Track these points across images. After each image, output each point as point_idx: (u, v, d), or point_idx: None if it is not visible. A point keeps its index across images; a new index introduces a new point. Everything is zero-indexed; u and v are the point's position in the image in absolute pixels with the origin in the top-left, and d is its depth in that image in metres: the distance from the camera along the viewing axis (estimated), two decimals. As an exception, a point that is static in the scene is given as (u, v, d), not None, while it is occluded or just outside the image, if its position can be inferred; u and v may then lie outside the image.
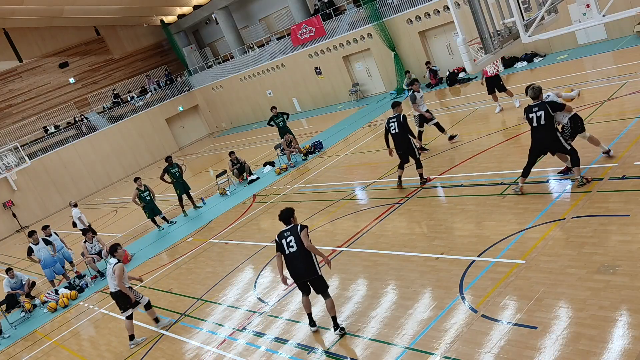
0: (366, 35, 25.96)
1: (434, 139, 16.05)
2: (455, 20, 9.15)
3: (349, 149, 18.82)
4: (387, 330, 7.75)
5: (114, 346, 11.00)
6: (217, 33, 37.68)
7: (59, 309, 14.45)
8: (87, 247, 15.72)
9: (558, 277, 7.33)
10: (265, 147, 24.71)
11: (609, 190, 9.16)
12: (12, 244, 27.40)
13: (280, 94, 32.37)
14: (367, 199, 13.66)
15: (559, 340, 6.25)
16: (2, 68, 34.30)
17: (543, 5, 9.12)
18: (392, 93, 25.53)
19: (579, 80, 16.32)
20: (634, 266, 6.94)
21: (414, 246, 9.94)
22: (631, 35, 18.30)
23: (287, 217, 8.27)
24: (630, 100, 12.96)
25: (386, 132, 12.63)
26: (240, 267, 12.43)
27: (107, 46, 37.91)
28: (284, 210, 8.29)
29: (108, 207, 26.72)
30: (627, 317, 6.19)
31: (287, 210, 8.28)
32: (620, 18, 7.93)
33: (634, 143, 10.43)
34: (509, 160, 12.18)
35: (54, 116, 35.73)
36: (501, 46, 9.46)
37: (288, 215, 8.27)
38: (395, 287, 8.85)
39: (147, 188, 17.68)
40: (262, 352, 8.55)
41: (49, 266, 15.66)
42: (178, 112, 37.97)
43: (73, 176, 33.14)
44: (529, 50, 21.09)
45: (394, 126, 12.40)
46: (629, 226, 7.87)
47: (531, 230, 8.83)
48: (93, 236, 15.94)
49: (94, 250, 15.79)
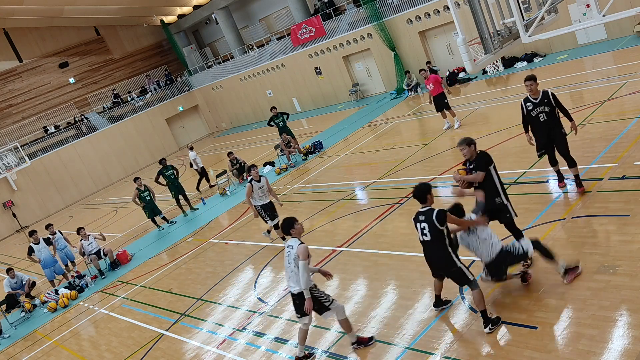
0: (366, 35, 25.96)
1: (434, 138, 16.07)
2: (455, 20, 9.15)
3: (349, 149, 18.82)
4: (387, 330, 7.75)
5: (114, 346, 10.99)
6: (217, 33, 37.67)
7: (59, 309, 14.45)
8: (83, 245, 15.61)
9: (558, 277, 7.33)
10: (265, 147, 24.71)
11: (609, 190, 9.16)
12: (12, 244, 27.39)
13: (280, 94, 32.36)
14: (367, 199, 13.66)
15: (559, 340, 6.25)
16: (2, 68, 34.29)
17: (543, 5, 9.12)
18: (392, 93, 25.52)
19: (579, 80, 16.32)
20: (634, 266, 6.93)
21: (414, 246, 9.90)
22: (631, 35, 18.29)
23: (422, 194, 6.92)
24: (630, 100, 12.96)
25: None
26: (240, 267, 12.43)
27: (107, 46, 37.90)
28: (418, 186, 6.99)
29: (108, 207, 26.71)
30: (627, 317, 6.19)
31: (421, 186, 6.97)
32: (620, 18, 7.92)
33: (634, 143, 10.43)
34: (509, 160, 12.18)
35: (54, 116, 35.72)
36: (501, 46, 9.46)
37: (423, 192, 6.92)
38: (395, 287, 8.85)
39: (147, 188, 17.68)
40: (262, 352, 8.55)
41: (49, 266, 15.66)
42: (178, 112, 37.96)
43: (73, 176, 33.12)
44: (529, 50, 21.09)
45: (542, 115, 9.19)
46: (629, 226, 7.87)
47: (531, 230, 8.83)
48: (88, 234, 15.77)
49: (90, 247, 15.66)
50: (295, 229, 7.39)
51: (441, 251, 6.90)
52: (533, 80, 9.13)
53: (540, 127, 9.24)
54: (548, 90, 9.16)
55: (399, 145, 16.81)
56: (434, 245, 6.93)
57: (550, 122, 9.14)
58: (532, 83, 9.12)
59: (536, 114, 9.17)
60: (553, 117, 9.11)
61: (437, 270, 7.25)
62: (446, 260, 6.91)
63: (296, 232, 7.39)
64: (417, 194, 6.97)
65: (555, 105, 9.08)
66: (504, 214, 7.65)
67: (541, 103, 9.10)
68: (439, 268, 7.16)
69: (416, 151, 15.44)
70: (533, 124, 9.35)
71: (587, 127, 12.20)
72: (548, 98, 9.05)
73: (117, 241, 19.11)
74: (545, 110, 9.08)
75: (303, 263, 7.14)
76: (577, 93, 15.39)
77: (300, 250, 7.17)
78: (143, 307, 12.35)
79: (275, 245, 12.73)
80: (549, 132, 9.20)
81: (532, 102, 9.19)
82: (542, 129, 9.24)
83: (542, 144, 9.39)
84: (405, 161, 14.93)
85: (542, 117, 9.13)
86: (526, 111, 9.29)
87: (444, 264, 6.96)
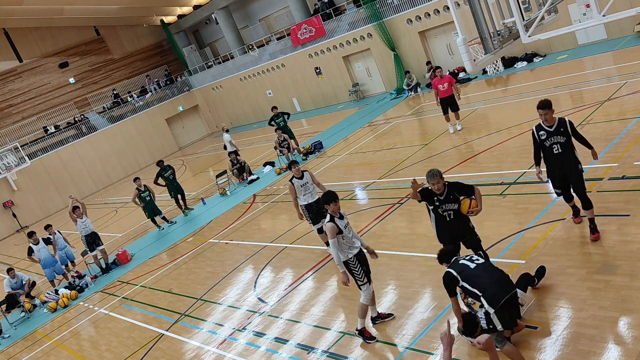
0: (366, 35, 25.96)
1: (434, 138, 16.07)
2: (455, 20, 9.14)
3: (349, 149, 18.82)
4: (387, 330, 7.75)
5: (114, 346, 11.00)
6: (217, 33, 37.67)
7: (59, 309, 14.45)
8: (78, 223, 15.54)
9: (558, 277, 7.33)
10: (265, 147, 24.70)
11: (609, 190, 9.16)
12: (12, 244, 27.39)
13: (280, 94, 32.36)
14: (367, 199, 13.66)
15: (559, 340, 6.25)
16: (2, 68, 34.28)
17: (543, 5, 9.12)
18: (392, 93, 25.52)
19: (579, 80, 16.32)
20: (634, 266, 6.93)
21: (414, 246, 9.94)
22: (631, 35, 18.29)
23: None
24: (630, 100, 12.96)
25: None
26: (240, 267, 12.43)
27: (107, 46, 37.89)
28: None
29: (108, 207, 26.72)
30: (627, 317, 6.18)
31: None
32: (620, 18, 7.92)
33: (634, 143, 10.43)
34: (509, 160, 12.19)
35: (54, 116, 35.71)
36: (501, 46, 9.45)
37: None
38: (395, 287, 8.85)
39: (147, 188, 17.68)
40: (262, 352, 8.55)
41: (49, 266, 15.66)
42: (178, 112, 37.96)
43: (73, 176, 33.12)
44: (529, 50, 21.09)
45: (556, 146, 7.93)
46: (629, 226, 7.87)
47: (531, 230, 8.83)
48: (82, 213, 15.71)
49: (84, 226, 15.58)
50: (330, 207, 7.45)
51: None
52: (548, 108, 7.75)
53: (554, 160, 7.94)
54: (565, 119, 7.86)
55: (399, 145, 16.81)
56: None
57: (566, 156, 7.84)
58: (546, 112, 7.76)
59: (550, 144, 7.85)
60: (569, 150, 7.82)
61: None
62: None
63: (330, 210, 7.46)
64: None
65: (573, 135, 7.80)
66: (475, 237, 7.54)
67: (556, 132, 7.78)
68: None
69: (416, 151, 15.44)
70: (545, 156, 8.04)
71: (587, 127, 12.20)
72: (565, 127, 7.76)
73: (117, 241, 19.12)
74: (561, 141, 7.77)
75: (332, 241, 7.36)
76: (577, 93, 15.39)
77: (328, 228, 7.40)
78: (143, 307, 12.35)
79: (275, 245, 12.74)
80: (562, 166, 7.90)
81: (546, 131, 7.86)
82: (556, 162, 7.93)
83: (556, 180, 8.11)
84: (405, 161, 14.93)
85: (556, 149, 7.82)
86: (539, 140, 7.97)
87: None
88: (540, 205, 9.57)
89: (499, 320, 6.02)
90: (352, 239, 7.55)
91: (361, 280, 7.55)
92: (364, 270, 7.56)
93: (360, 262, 7.56)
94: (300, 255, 11.66)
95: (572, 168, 7.86)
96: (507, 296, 6.06)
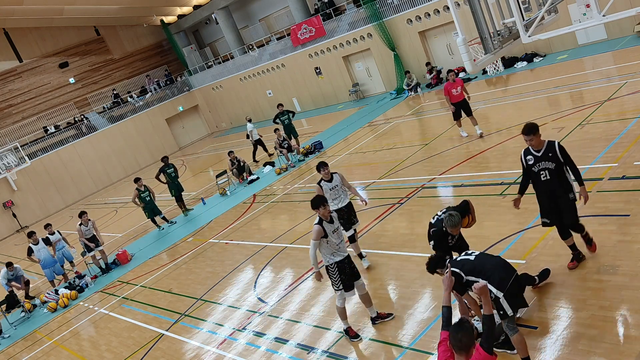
0: (366, 35, 25.96)
1: (434, 138, 16.07)
2: (455, 20, 9.14)
3: (349, 149, 18.82)
4: (387, 330, 7.75)
5: (114, 346, 11.00)
6: (217, 33, 37.67)
7: (59, 309, 14.45)
8: (81, 230, 15.63)
9: (558, 277, 7.33)
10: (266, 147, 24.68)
11: (609, 190, 9.16)
12: (12, 244, 27.39)
13: (280, 94, 32.35)
14: (367, 199, 13.64)
15: (559, 340, 6.25)
16: (2, 68, 34.28)
17: (543, 5, 9.12)
18: (392, 93, 25.52)
19: (579, 80, 16.32)
20: (634, 266, 6.93)
21: (414, 246, 9.94)
22: (631, 35, 18.29)
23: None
24: (630, 100, 12.96)
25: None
26: (240, 267, 12.43)
27: (107, 46, 37.89)
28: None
29: (108, 207, 26.72)
30: (627, 317, 6.18)
31: None
32: (620, 18, 7.92)
33: (634, 143, 10.43)
34: (509, 160, 12.18)
35: (54, 116, 35.71)
36: (501, 46, 9.45)
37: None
38: (395, 287, 8.85)
39: (147, 188, 17.69)
40: (262, 352, 8.55)
41: (49, 266, 15.65)
42: (178, 112, 37.96)
43: (73, 176, 33.12)
44: (529, 50, 21.08)
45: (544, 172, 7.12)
46: (629, 226, 7.87)
47: (531, 230, 8.83)
48: (89, 219, 15.83)
49: (88, 233, 15.66)
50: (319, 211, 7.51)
51: None
52: (533, 134, 6.92)
53: (542, 188, 7.15)
54: (555, 142, 6.98)
55: (399, 145, 16.81)
56: None
57: (555, 183, 7.03)
58: (531, 138, 6.95)
59: (538, 170, 7.06)
60: (559, 177, 6.99)
61: None
62: None
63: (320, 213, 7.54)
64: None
65: (564, 161, 6.93)
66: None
67: (545, 157, 6.96)
68: None
69: (416, 151, 15.44)
70: (533, 183, 7.25)
71: (587, 127, 12.21)
72: (554, 151, 6.91)
73: (117, 241, 19.12)
74: (549, 167, 6.95)
75: (313, 242, 7.47)
76: (577, 93, 15.39)
77: (314, 229, 7.51)
78: (143, 307, 12.35)
79: (275, 245, 12.74)
80: (551, 195, 7.11)
81: (534, 155, 7.05)
82: (544, 190, 7.15)
83: (545, 210, 7.29)
84: (405, 161, 14.93)
85: (544, 175, 7.02)
86: (526, 165, 7.17)
87: None
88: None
89: (508, 304, 5.85)
90: (338, 245, 7.57)
91: (336, 286, 7.67)
92: (342, 279, 7.60)
93: (341, 270, 7.59)
94: (300, 255, 11.66)
95: (562, 198, 7.04)
96: (512, 278, 6.02)
